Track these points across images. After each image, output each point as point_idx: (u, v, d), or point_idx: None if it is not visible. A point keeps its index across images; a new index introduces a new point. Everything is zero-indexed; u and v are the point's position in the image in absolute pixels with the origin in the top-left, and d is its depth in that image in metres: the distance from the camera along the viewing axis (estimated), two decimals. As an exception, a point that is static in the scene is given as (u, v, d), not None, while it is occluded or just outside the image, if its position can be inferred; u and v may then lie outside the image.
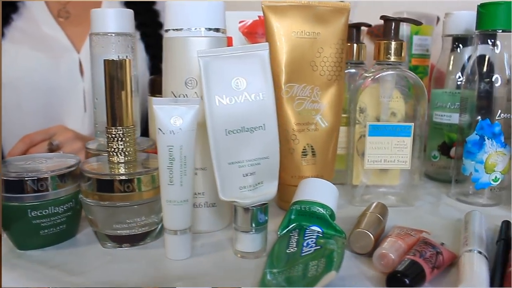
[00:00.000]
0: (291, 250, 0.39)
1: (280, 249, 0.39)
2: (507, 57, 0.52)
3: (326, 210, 0.43)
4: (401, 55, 0.50)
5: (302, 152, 0.48)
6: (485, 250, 0.38)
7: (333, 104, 0.49)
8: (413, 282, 0.34)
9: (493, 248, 0.41)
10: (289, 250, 0.39)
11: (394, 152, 0.51)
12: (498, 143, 0.52)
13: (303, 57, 0.48)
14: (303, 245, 0.39)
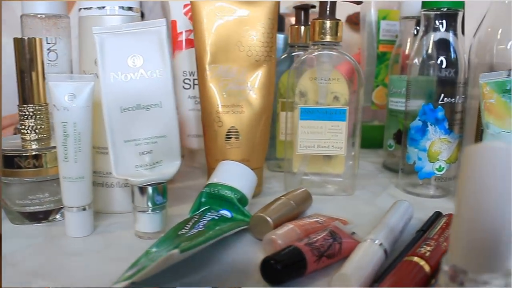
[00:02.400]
0: (182, 232, 0.38)
1: (173, 231, 0.38)
2: (453, 38, 0.48)
3: (235, 193, 0.42)
4: (337, 35, 0.48)
5: (226, 135, 0.47)
6: (388, 241, 0.36)
7: (262, 86, 0.48)
8: (287, 269, 0.32)
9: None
10: (180, 232, 0.38)
11: (328, 137, 0.49)
12: (441, 129, 0.48)
13: (228, 38, 0.47)
14: (194, 228, 0.38)
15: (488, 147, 0.23)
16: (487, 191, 0.23)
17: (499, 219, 0.23)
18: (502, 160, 0.22)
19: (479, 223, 0.23)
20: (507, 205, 0.23)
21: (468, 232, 0.24)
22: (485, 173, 0.23)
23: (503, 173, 0.22)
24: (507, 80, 0.42)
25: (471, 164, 0.23)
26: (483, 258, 0.24)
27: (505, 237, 0.24)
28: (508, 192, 0.23)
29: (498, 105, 0.42)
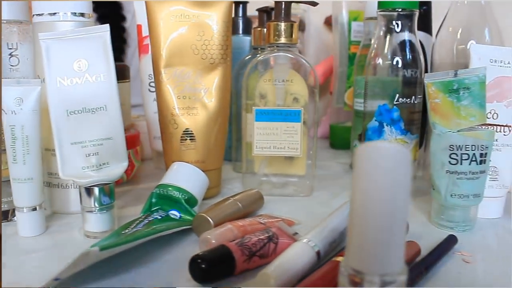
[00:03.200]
0: (125, 231, 0.39)
1: (118, 230, 0.40)
2: (409, 38, 0.48)
3: (183, 194, 0.43)
4: (292, 37, 0.48)
5: (181, 137, 0.48)
6: (323, 242, 0.36)
7: (217, 88, 0.49)
8: (214, 268, 0.33)
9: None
10: (124, 231, 0.39)
11: (284, 139, 0.49)
12: (397, 129, 0.48)
13: (183, 41, 0.48)
14: (136, 227, 0.39)
15: (373, 147, 0.23)
16: (374, 191, 0.23)
17: (389, 218, 0.23)
18: (387, 160, 0.23)
19: (369, 223, 0.24)
20: (395, 204, 0.23)
21: (360, 233, 0.24)
22: (372, 173, 0.23)
23: (389, 173, 0.23)
24: (453, 80, 0.42)
25: (359, 164, 0.23)
26: (376, 258, 0.24)
27: (395, 237, 0.24)
28: (395, 192, 0.23)
29: (444, 105, 0.42)
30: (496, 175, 0.46)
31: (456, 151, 0.41)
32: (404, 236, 0.24)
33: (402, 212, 0.24)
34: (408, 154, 0.23)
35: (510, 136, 0.46)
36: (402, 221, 0.24)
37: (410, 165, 0.23)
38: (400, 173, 0.23)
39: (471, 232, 0.43)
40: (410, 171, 0.23)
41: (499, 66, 0.45)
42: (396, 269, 0.24)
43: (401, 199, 0.23)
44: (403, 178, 0.23)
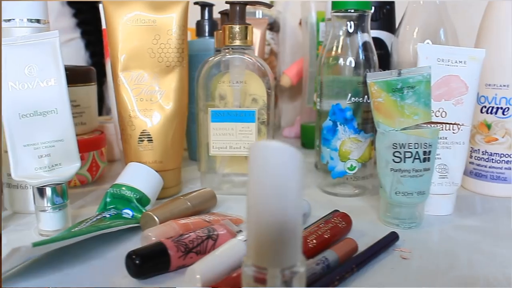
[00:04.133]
0: (75, 229, 0.40)
1: (69, 228, 0.41)
2: (360, 38, 0.49)
3: (135, 193, 0.44)
4: (247, 39, 0.50)
5: (139, 138, 0.50)
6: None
7: (174, 90, 0.50)
8: (148, 263, 0.35)
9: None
10: (74, 229, 0.40)
11: (240, 139, 0.50)
12: (350, 128, 0.49)
13: (140, 45, 0.49)
14: (84, 225, 0.40)
15: (263, 146, 0.24)
16: (265, 188, 0.24)
17: (281, 214, 0.25)
18: (276, 159, 0.24)
19: (263, 219, 0.25)
20: (286, 200, 0.24)
21: (256, 229, 0.25)
22: (262, 171, 0.24)
23: (277, 171, 0.24)
24: (397, 79, 0.43)
25: (251, 162, 0.25)
26: (274, 253, 0.25)
27: (290, 231, 0.25)
28: (286, 189, 0.24)
29: (387, 104, 0.43)
30: (446, 172, 0.47)
31: (399, 149, 0.42)
32: (300, 230, 0.25)
33: (294, 208, 0.25)
34: (296, 154, 0.24)
35: (460, 134, 0.47)
36: (296, 216, 0.25)
37: (299, 164, 0.24)
38: (289, 171, 0.24)
39: (417, 229, 0.44)
40: (299, 170, 0.24)
41: (446, 65, 0.46)
42: (295, 261, 0.25)
43: (292, 195, 0.24)
44: (292, 176, 0.24)
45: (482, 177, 0.52)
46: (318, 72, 0.52)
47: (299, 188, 0.25)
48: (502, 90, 0.50)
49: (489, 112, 0.51)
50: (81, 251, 0.38)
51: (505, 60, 0.50)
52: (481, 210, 0.49)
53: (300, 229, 0.26)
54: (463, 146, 0.47)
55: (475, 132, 0.52)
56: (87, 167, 0.54)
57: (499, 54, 0.50)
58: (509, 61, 0.50)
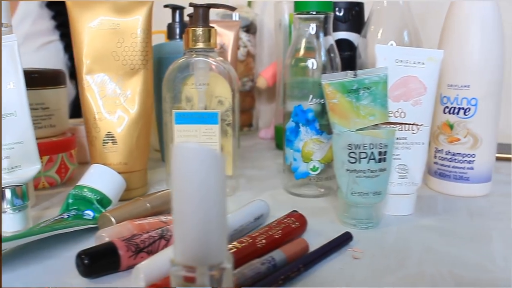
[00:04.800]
0: (36, 227, 0.41)
1: (29, 229, 0.42)
2: (322, 40, 0.50)
3: (95, 194, 0.45)
4: (210, 41, 0.50)
5: (103, 140, 0.50)
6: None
7: (138, 92, 0.51)
8: (97, 263, 0.35)
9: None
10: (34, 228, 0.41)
11: (203, 140, 0.51)
12: (312, 130, 0.50)
13: (104, 48, 0.50)
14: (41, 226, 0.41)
15: (183, 148, 0.25)
16: (186, 189, 0.25)
17: (204, 213, 0.25)
18: (195, 160, 0.25)
19: (187, 218, 0.25)
20: (208, 200, 0.25)
21: (181, 228, 0.26)
22: (183, 172, 0.25)
23: (197, 172, 0.25)
24: (353, 80, 0.43)
25: (173, 164, 0.25)
26: (200, 251, 0.26)
27: (214, 230, 0.26)
28: (207, 189, 0.25)
29: (342, 105, 0.43)
30: (406, 172, 0.47)
31: (354, 150, 0.43)
32: (224, 228, 0.26)
33: (217, 207, 0.25)
34: (217, 155, 0.24)
35: (419, 135, 0.47)
36: (219, 214, 0.26)
37: (219, 164, 0.25)
38: (210, 172, 0.25)
39: (374, 229, 0.44)
40: (219, 170, 0.25)
41: (404, 66, 0.46)
42: (222, 259, 0.26)
43: (214, 195, 0.25)
44: (212, 176, 0.25)
45: (446, 177, 0.53)
46: (283, 74, 0.53)
47: (221, 188, 0.25)
48: (463, 91, 0.50)
49: (452, 112, 0.51)
50: (38, 251, 0.39)
51: (466, 60, 0.50)
52: (442, 210, 0.49)
53: (224, 227, 0.26)
54: (423, 146, 0.47)
55: (438, 132, 0.53)
56: (55, 169, 0.55)
57: (460, 54, 0.50)
58: (469, 61, 0.50)
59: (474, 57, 0.50)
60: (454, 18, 0.51)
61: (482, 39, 0.50)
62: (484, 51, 0.50)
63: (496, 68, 0.50)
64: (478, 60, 0.50)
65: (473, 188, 0.52)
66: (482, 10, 0.50)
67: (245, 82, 0.83)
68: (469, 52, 0.50)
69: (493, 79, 0.50)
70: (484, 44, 0.50)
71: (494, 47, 0.50)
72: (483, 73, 0.50)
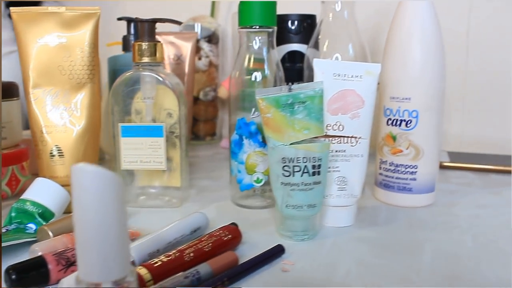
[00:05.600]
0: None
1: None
2: (266, 54, 0.51)
3: (37, 208, 0.46)
4: (156, 56, 0.51)
5: (50, 153, 0.51)
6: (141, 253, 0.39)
7: (84, 106, 0.52)
8: (25, 277, 0.36)
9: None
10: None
11: (149, 153, 0.52)
12: (255, 142, 0.51)
13: (50, 62, 0.51)
14: (-22, 240, 0.42)
15: (79, 169, 0.26)
16: (85, 208, 0.26)
17: (102, 231, 0.26)
18: (93, 181, 0.26)
19: (88, 236, 0.26)
20: (106, 218, 0.26)
21: (83, 246, 0.27)
22: (81, 193, 0.26)
23: (96, 192, 0.26)
24: (287, 95, 0.44)
25: (73, 184, 0.26)
26: (103, 268, 0.27)
27: (115, 246, 0.27)
28: (104, 207, 0.26)
29: (275, 119, 0.44)
30: (345, 185, 0.48)
31: (288, 164, 0.44)
32: (126, 243, 0.27)
33: (116, 224, 0.26)
34: (112, 176, 0.25)
35: (358, 147, 0.48)
36: (119, 231, 0.27)
37: (115, 185, 0.26)
38: (106, 192, 0.26)
39: (310, 241, 0.45)
40: (116, 190, 0.26)
41: (342, 79, 0.48)
42: (126, 273, 0.27)
43: (111, 213, 0.26)
44: (109, 196, 0.26)
45: (390, 187, 0.54)
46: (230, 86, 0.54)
47: (119, 207, 0.26)
48: (405, 103, 0.52)
49: (394, 124, 0.52)
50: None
51: (406, 73, 0.51)
52: (382, 221, 0.50)
53: (125, 243, 0.27)
54: (362, 158, 0.48)
55: (383, 144, 0.54)
56: (6, 181, 0.56)
57: (401, 67, 0.52)
58: (410, 74, 0.51)
59: (414, 70, 0.51)
60: (395, 31, 0.53)
61: (422, 52, 0.51)
62: (424, 64, 0.51)
63: (436, 80, 0.51)
64: (418, 73, 0.51)
65: (416, 198, 0.53)
66: (422, 24, 0.51)
67: (207, 91, 0.84)
68: (410, 65, 0.51)
69: (433, 92, 0.52)
70: (424, 57, 0.51)
71: (434, 60, 0.51)
72: (423, 86, 0.51)
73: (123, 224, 0.27)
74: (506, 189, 0.61)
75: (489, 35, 0.81)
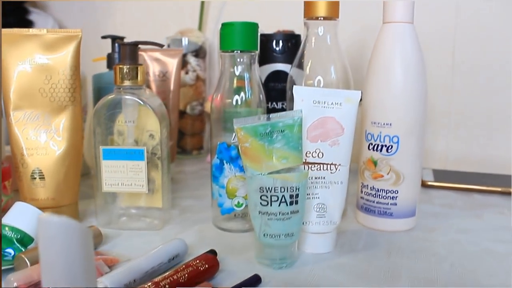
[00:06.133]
0: None
1: None
2: (247, 77, 0.51)
3: (16, 233, 0.46)
4: (137, 79, 0.52)
5: (31, 176, 0.51)
6: (118, 281, 0.39)
7: (66, 128, 0.52)
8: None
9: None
10: None
11: (131, 176, 0.52)
12: (236, 167, 0.51)
13: (31, 85, 0.51)
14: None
15: (44, 220, 0.26)
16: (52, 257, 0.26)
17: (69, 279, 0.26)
18: (58, 232, 0.26)
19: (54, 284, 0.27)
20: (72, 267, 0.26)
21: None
22: (48, 243, 0.26)
23: (61, 243, 0.26)
24: (266, 124, 0.45)
25: (39, 234, 0.26)
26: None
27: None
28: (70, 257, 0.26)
29: (253, 149, 0.44)
30: (324, 211, 0.49)
31: (266, 193, 0.44)
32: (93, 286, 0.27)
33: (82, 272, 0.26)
34: (76, 227, 0.26)
35: (337, 174, 0.48)
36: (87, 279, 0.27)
37: (80, 235, 0.26)
38: (70, 242, 0.26)
39: (289, 269, 0.45)
40: (80, 240, 0.26)
41: (322, 106, 0.48)
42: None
43: (77, 262, 0.26)
44: (74, 245, 0.26)
45: (371, 212, 0.54)
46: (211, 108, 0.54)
47: (86, 257, 0.27)
48: (386, 128, 0.52)
49: (375, 149, 0.53)
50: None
51: (388, 99, 0.52)
52: (362, 246, 0.50)
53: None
54: (342, 185, 0.49)
55: (364, 167, 0.54)
56: (-13, 201, 0.56)
57: (382, 93, 0.52)
58: (390, 100, 0.51)
59: (395, 95, 0.51)
60: (377, 55, 0.53)
61: (404, 77, 0.51)
62: (405, 90, 0.51)
63: (418, 106, 0.52)
64: (400, 98, 0.51)
65: (396, 223, 0.53)
66: (403, 49, 0.52)
67: (194, 106, 0.84)
68: (391, 90, 0.51)
69: (415, 117, 0.52)
70: (405, 83, 0.51)
71: (415, 86, 0.52)
72: (404, 111, 0.51)
73: (91, 273, 0.27)
74: (488, 211, 0.61)
75: (475, 54, 0.81)
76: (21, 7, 0.92)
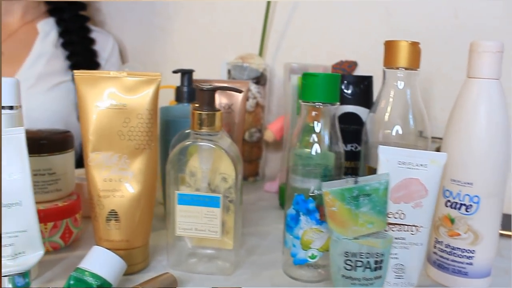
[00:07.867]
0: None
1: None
2: (327, 131, 0.50)
3: (96, 280, 0.46)
4: (214, 125, 0.51)
5: (106, 218, 0.51)
6: None
7: (141, 172, 0.52)
8: None
9: None
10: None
11: (205, 222, 0.52)
12: (313, 219, 0.50)
13: (110, 127, 0.51)
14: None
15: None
16: None
17: None
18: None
19: None
20: None
21: None
22: None
23: None
24: (353, 187, 0.44)
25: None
26: None
27: None
28: None
29: (341, 213, 0.43)
30: (402, 272, 0.48)
31: (351, 258, 0.43)
32: None
33: None
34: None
35: (418, 236, 0.47)
36: None
37: None
38: None
39: (367, 333, 0.45)
40: None
41: (407, 168, 0.47)
42: None
43: None
44: None
45: (444, 269, 0.53)
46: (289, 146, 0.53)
47: None
48: (466, 188, 0.50)
49: (453, 207, 0.51)
50: None
51: (470, 157, 0.50)
52: (436, 307, 0.49)
53: None
54: (421, 247, 0.48)
55: (439, 223, 0.53)
56: (59, 234, 0.57)
57: (464, 150, 0.50)
58: (473, 158, 0.50)
59: (479, 154, 0.50)
60: (460, 112, 0.51)
61: (488, 136, 0.49)
62: (490, 149, 0.50)
63: (501, 168, 0.50)
64: (483, 158, 0.50)
65: (471, 283, 0.52)
66: (488, 105, 0.49)
67: (253, 133, 0.83)
68: (474, 149, 0.50)
69: (497, 178, 0.50)
70: (490, 141, 0.49)
71: (500, 144, 0.50)
72: (487, 172, 0.50)
73: None
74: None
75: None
76: (83, 26, 0.93)
